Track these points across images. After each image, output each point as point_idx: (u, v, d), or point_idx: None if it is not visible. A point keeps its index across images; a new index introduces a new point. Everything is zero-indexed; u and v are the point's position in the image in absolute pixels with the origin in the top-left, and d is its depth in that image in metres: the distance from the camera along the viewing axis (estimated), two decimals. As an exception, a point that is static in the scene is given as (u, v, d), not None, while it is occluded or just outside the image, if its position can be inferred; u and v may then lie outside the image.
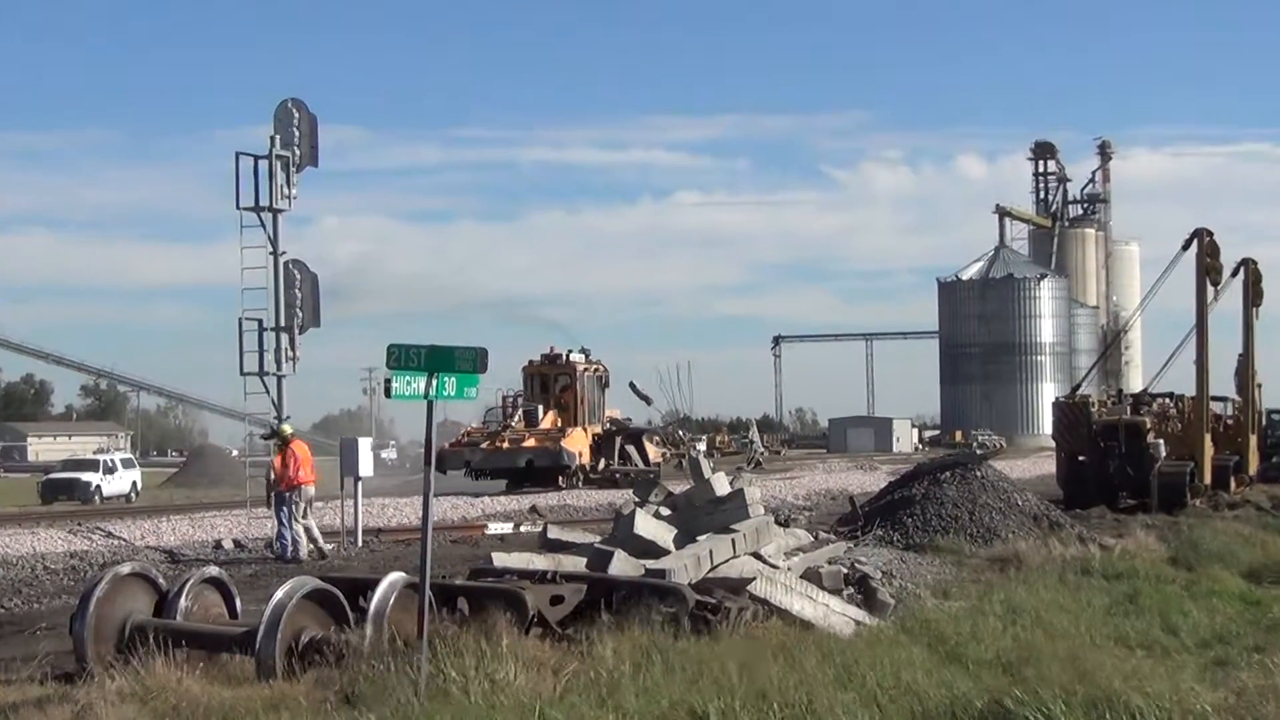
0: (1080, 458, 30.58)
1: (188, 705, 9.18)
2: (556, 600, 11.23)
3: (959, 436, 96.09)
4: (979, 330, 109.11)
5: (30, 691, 9.90)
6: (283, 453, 21.94)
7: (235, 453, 69.21)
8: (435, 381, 9.87)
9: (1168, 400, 32.71)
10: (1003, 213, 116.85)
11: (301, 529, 21.57)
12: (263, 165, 26.77)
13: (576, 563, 12.83)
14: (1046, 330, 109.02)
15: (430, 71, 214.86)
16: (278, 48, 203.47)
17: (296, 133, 26.98)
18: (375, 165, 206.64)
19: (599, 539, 14.04)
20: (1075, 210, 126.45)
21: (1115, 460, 29.71)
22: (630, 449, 41.37)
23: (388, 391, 10.02)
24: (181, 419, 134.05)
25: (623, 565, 12.46)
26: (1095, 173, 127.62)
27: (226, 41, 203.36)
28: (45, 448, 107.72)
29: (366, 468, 23.59)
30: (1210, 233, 31.16)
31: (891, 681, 9.50)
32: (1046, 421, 59.46)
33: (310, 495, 22.10)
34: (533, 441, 38.42)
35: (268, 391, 27.20)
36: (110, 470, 54.15)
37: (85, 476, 52.43)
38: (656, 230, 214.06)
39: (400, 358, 9.86)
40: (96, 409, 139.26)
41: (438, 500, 25.41)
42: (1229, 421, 34.16)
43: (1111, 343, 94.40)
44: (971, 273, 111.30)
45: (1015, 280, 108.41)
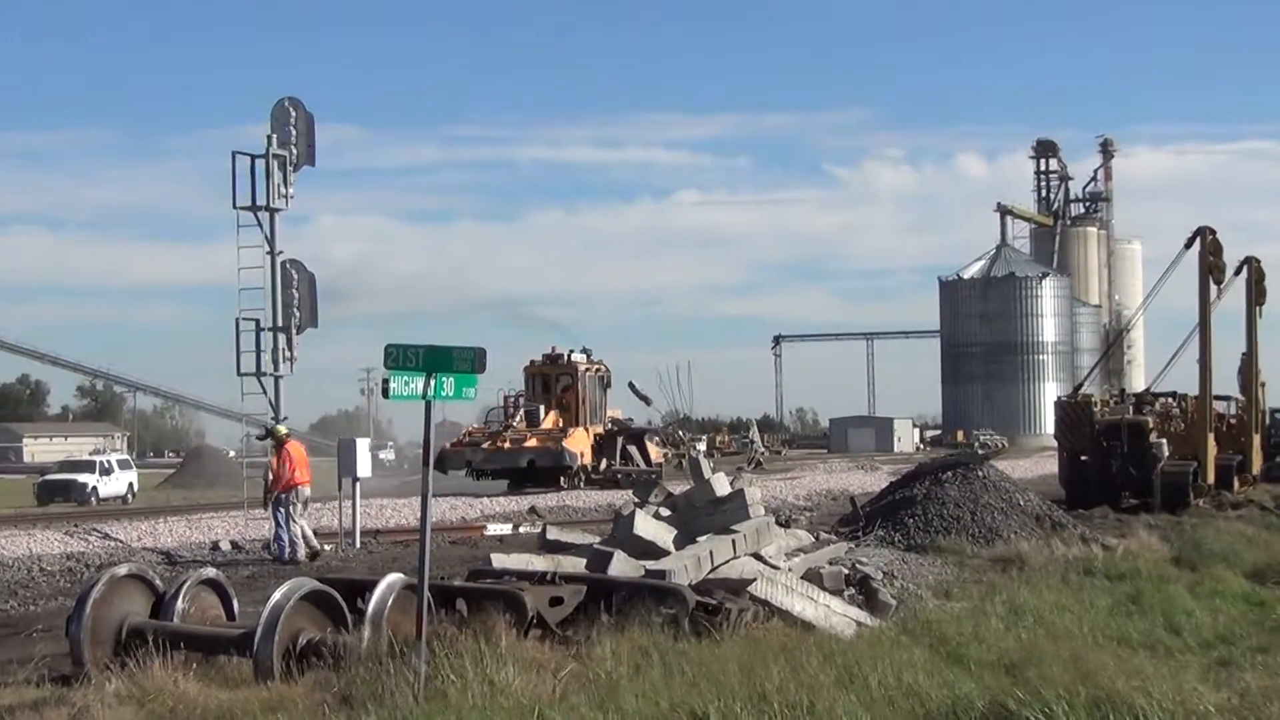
0: (1083, 457, 30.52)
1: (185, 707, 9.19)
2: (556, 601, 11.18)
3: (960, 436, 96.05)
4: (980, 329, 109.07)
5: (27, 694, 9.88)
6: (278, 453, 21.86)
7: (232, 454, 69.14)
8: (433, 382, 9.83)
9: (1170, 399, 32.61)
10: (1004, 211, 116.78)
11: (299, 530, 21.50)
12: (259, 164, 26.75)
13: (576, 564, 12.79)
14: (1048, 329, 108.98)
15: (428, 70, 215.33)
16: (276, 47, 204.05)
17: (293, 132, 26.96)
18: (373, 164, 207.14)
19: (598, 540, 14.00)
20: (1077, 209, 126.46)
21: (1118, 460, 29.66)
22: (632, 449, 41.35)
23: (385, 392, 10.00)
24: (178, 420, 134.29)
25: (622, 566, 12.42)
26: (1097, 171, 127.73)
27: (225, 41, 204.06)
28: (41, 449, 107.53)
29: (364, 468, 23.52)
30: (1213, 231, 31.09)
31: (893, 683, 9.47)
32: (1048, 421, 59.24)
33: (306, 496, 22.03)
34: (534, 442, 38.40)
35: (265, 392, 27.18)
36: (107, 471, 54.10)
37: (81, 478, 52.37)
38: (656, 229, 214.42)
39: (398, 358, 9.83)
40: (93, 410, 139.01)
41: (436, 501, 25.35)
42: (1232, 421, 34.05)
43: (1114, 342, 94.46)
44: (973, 271, 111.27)
45: (1017, 279, 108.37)
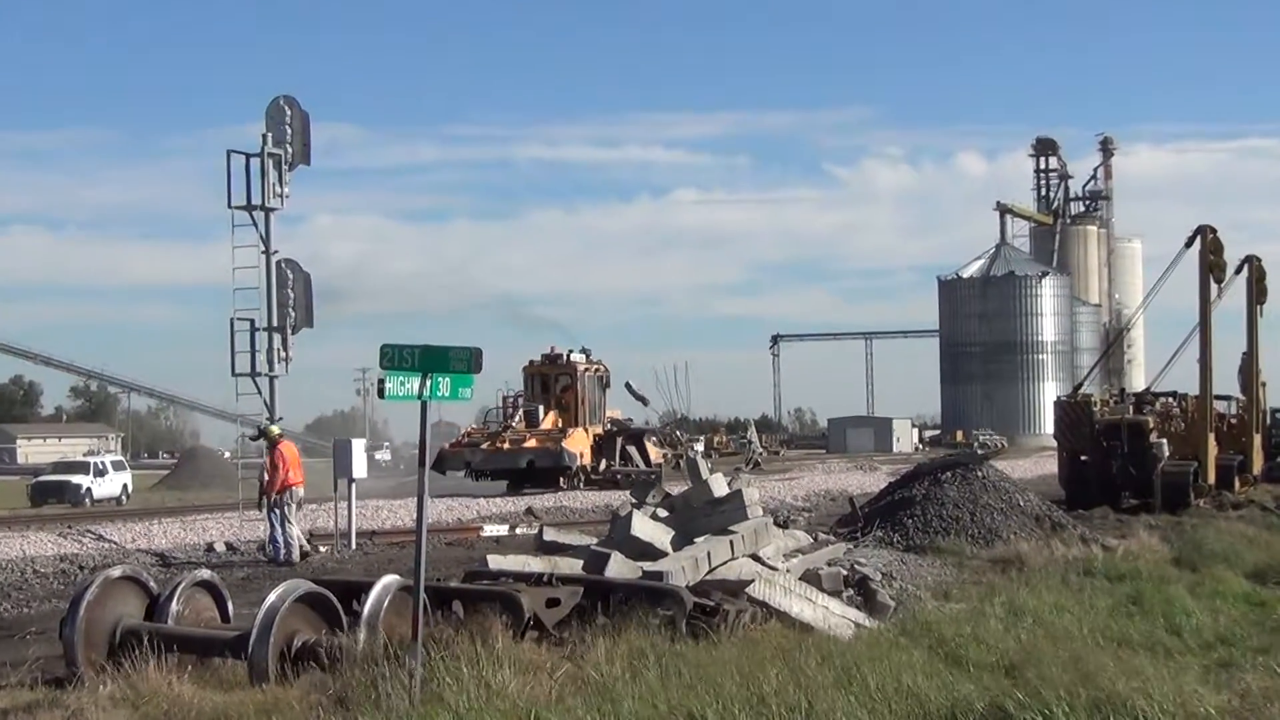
0: (1083, 458, 30.46)
1: (179, 710, 9.16)
2: (552, 603, 11.14)
3: (960, 436, 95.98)
4: (980, 329, 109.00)
5: (20, 697, 9.85)
6: (272, 454, 21.75)
7: (227, 454, 69.18)
8: (429, 382, 9.79)
9: (1171, 399, 32.57)
10: (1004, 210, 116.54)
11: (295, 531, 21.43)
12: (254, 163, 26.69)
13: (573, 565, 12.75)
14: (1048, 329, 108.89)
15: (425, 69, 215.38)
16: (273, 46, 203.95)
17: (288, 130, 26.90)
18: (370, 163, 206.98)
19: (595, 541, 13.96)
20: (1077, 207, 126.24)
21: (1118, 460, 29.60)
22: (631, 450, 41.31)
23: (381, 392, 10.00)
24: (173, 420, 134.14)
25: (620, 567, 12.38)
26: (1097, 169, 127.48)
27: (224, 40, 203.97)
28: (35, 450, 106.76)
29: (360, 469, 23.45)
30: (1214, 230, 31.03)
31: (892, 684, 9.43)
32: (1048, 421, 59.25)
33: (300, 496, 21.96)
34: (534, 442, 38.36)
35: (260, 392, 27.13)
36: (101, 472, 54.07)
37: (75, 479, 52.28)
38: (655, 229, 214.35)
39: (394, 358, 9.80)
40: (87, 410, 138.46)
41: (433, 502, 25.30)
42: (1233, 420, 34.01)
43: (1114, 341, 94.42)
44: (972, 271, 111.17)
45: (1016, 278, 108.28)
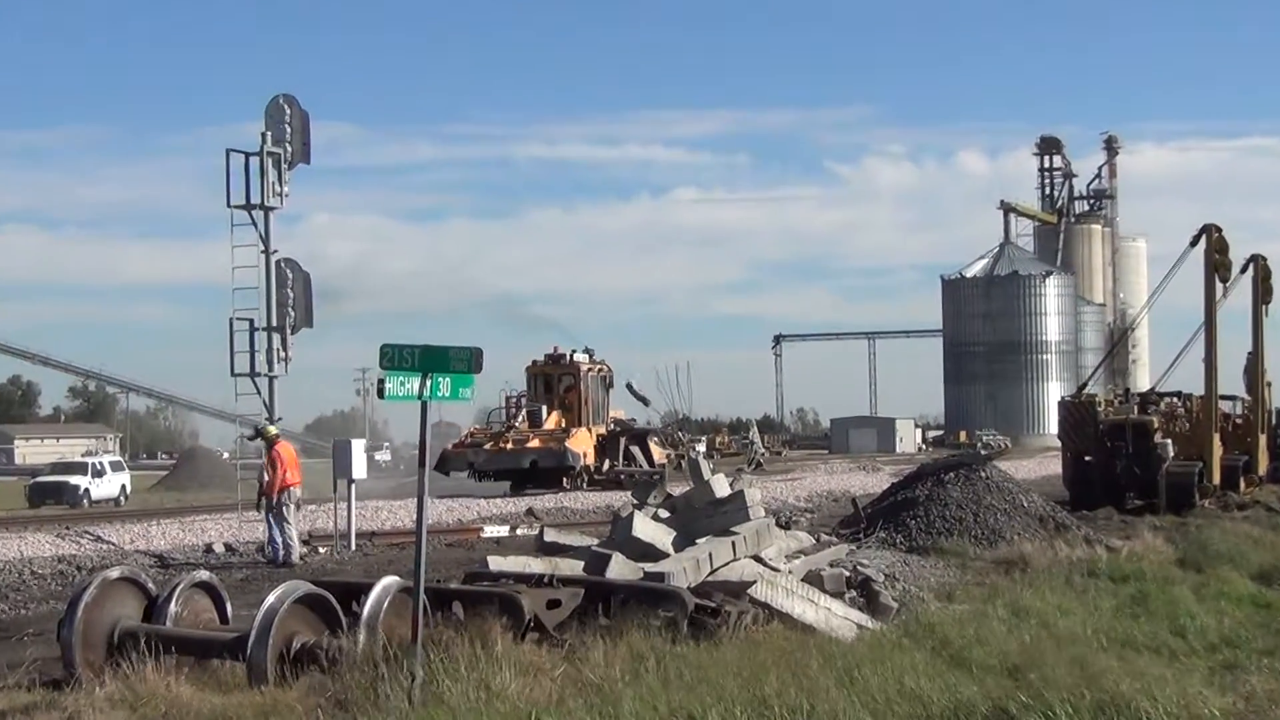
0: (1087, 458, 30.36)
1: (178, 712, 9.14)
2: (553, 604, 11.09)
3: (963, 436, 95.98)
4: (983, 328, 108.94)
5: (18, 699, 9.81)
6: (270, 455, 21.66)
7: (226, 455, 69.11)
8: (429, 382, 9.75)
9: (1175, 399, 32.53)
10: (1007, 209, 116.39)
11: (294, 532, 21.37)
12: (254, 162, 26.66)
13: (574, 566, 12.70)
14: (1052, 328, 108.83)
15: (424, 68, 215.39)
16: (273, 45, 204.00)
17: (288, 129, 26.87)
18: (369, 162, 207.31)
19: (596, 542, 13.91)
20: (1081, 206, 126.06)
21: (1122, 460, 29.52)
22: (635, 450, 41.26)
23: (381, 392, 9.99)
24: (171, 421, 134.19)
25: (621, 568, 12.33)
26: (1101, 168, 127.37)
27: (222, 39, 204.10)
28: (32, 450, 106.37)
29: (360, 470, 23.39)
30: (1219, 228, 30.93)
31: (895, 686, 9.41)
32: (1052, 421, 58.87)
33: (298, 497, 21.90)
34: (537, 442, 38.34)
35: (259, 392, 27.10)
36: (99, 473, 53.99)
37: (73, 479, 52.19)
38: (654, 227, 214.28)
39: (393, 358, 9.78)
40: (85, 411, 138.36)
41: (433, 503, 25.28)
42: (1238, 421, 33.96)
43: (1118, 341, 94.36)
44: (976, 270, 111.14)
45: (1020, 277, 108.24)
